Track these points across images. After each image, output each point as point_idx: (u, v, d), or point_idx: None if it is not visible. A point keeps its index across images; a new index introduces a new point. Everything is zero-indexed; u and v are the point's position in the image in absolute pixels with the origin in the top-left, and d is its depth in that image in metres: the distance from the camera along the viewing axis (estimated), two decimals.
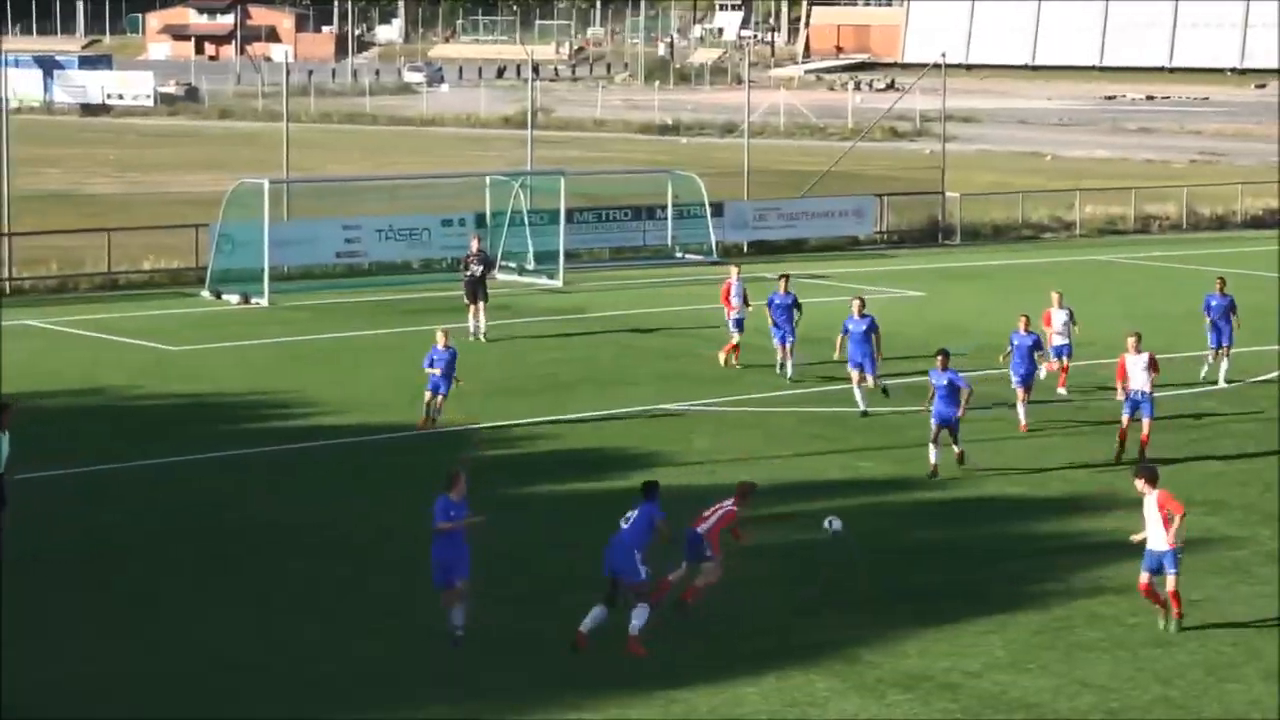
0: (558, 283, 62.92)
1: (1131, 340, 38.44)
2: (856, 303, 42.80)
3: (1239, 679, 24.48)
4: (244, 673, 25.65)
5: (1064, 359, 44.92)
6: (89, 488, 36.16)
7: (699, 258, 69.71)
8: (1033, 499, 36.28)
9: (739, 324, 47.99)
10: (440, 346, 40.19)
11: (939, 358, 37.64)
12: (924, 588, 29.96)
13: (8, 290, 59.66)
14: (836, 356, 43.38)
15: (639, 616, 25.49)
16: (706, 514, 29.32)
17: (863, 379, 42.04)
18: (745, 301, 48.20)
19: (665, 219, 71.17)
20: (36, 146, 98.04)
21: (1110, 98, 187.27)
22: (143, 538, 32.81)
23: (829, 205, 77.41)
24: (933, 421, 37.47)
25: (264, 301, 57.87)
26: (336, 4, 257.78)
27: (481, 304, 52.14)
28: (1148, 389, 38.04)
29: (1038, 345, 41.82)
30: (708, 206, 71.33)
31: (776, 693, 24.87)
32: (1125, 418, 38.47)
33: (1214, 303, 46.85)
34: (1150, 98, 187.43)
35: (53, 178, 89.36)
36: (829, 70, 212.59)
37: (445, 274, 63.77)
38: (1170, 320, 56.16)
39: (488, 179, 69.58)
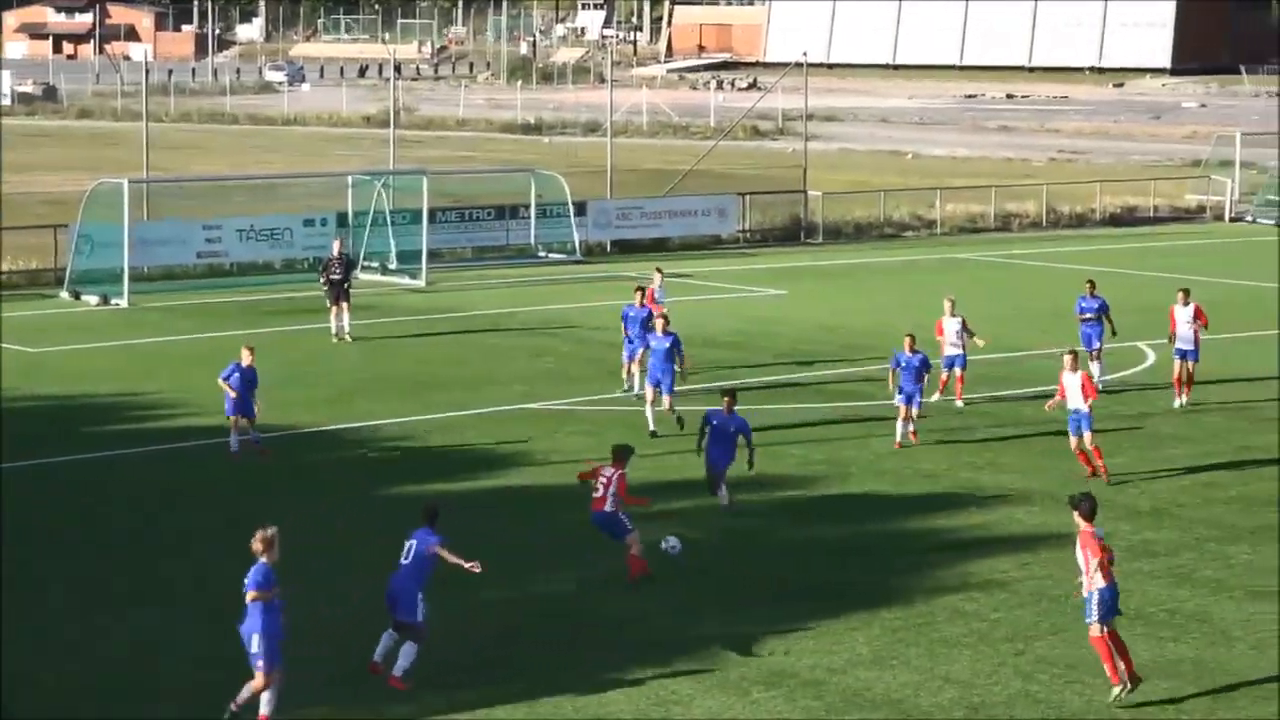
0: (420, 283, 62.79)
1: (1068, 358, 37.72)
2: (660, 320, 41.58)
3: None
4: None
5: (958, 369, 44.01)
6: None
7: (562, 257, 69.87)
8: (897, 496, 36.48)
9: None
10: (245, 364, 38.19)
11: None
12: (789, 586, 30.01)
13: None
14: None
15: (405, 657, 24.89)
16: (598, 492, 29.69)
17: (657, 399, 40.55)
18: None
19: (529, 218, 71.16)
20: None
21: (971, 96, 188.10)
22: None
23: (692, 204, 77.58)
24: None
25: (123, 302, 57.47)
26: (196, 3, 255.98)
27: (345, 304, 52.07)
28: (1085, 409, 36.99)
29: (926, 365, 40.47)
30: (571, 205, 71.38)
31: (641, 692, 24.95)
32: (1073, 439, 37.42)
33: (1084, 304, 46.83)
34: (1010, 96, 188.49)
35: None
36: (691, 69, 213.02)
37: (306, 274, 63.39)
38: (1034, 317, 56.73)
39: (350, 179, 69.37)
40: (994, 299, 60.48)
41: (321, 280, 53.26)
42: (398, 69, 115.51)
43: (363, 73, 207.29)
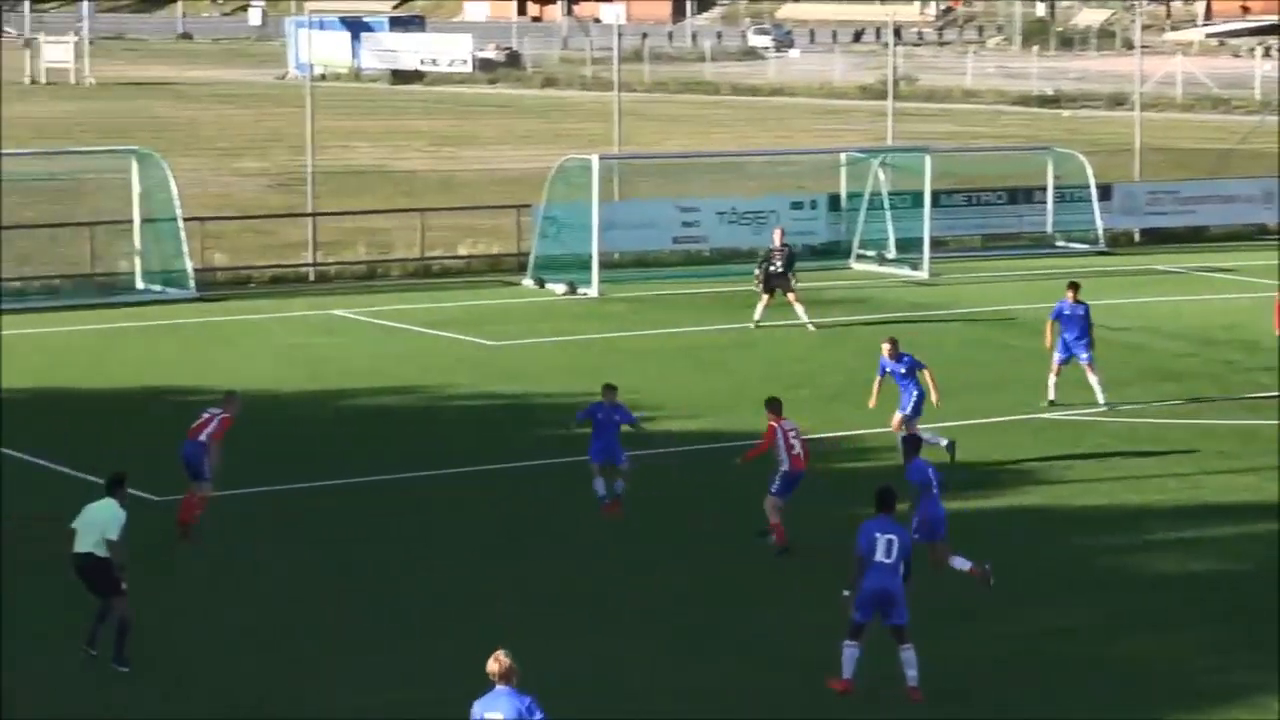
0: (922, 274, 62.71)
1: None
2: (887, 345, 39.53)
3: None
4: None
5: None
6: (393, 498, 37.04)
7: (1084, 247, 69.12)
8: None
9: None
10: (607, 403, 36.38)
11: None
12: None
13: (312, 276, 60.76)
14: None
15: (913, 664, 25.50)
16: (795, 450, 32.51)
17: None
18: None
19: (1045, 203, 70.51)
20: (343, 118, 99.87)
21: None
22: (468, 551, 33.32)
23: (1235, 188, 76.28)
24: None
25: (592, 291, 58.33)
26: None
27: (791, 295, 53.24)
28: None
29: None
30: (1094, 189, 70.54)
31: None
32: None
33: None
34: None
35: (361, 153, 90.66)
36: (1234, 34, 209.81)
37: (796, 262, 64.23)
38: None
39: (843, 157, 69.53)
40: None
41: (758, 273, 54.19)
42: (897, 33, 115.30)
43: (858, 37, 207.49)
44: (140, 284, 58.18)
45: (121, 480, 28.40)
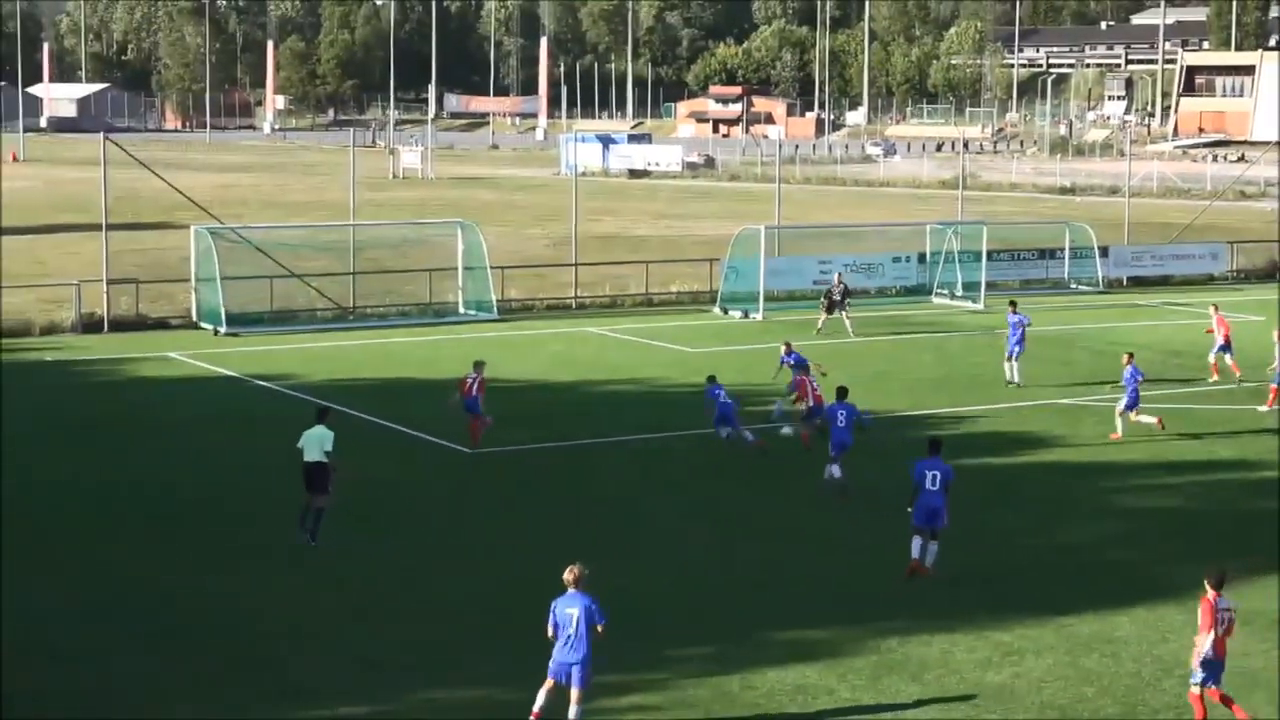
0: (980, 305, 62.06)
1: None
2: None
3: None
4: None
5: None
6: (623, 451, 37.00)
7: (1089, 289, 68.25)
8: None
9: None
10: (720, 388, 36.55)
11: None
12: (1256, 546, 29.06)
13: (574, 305, 60.97)
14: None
15: (933, 554, 26.08)
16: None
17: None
18: None
19: (1063, 259, 69.76)
20: (597, 201, 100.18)
21: None
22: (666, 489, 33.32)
23: (1190, 250, 75.35)
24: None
25: (759, 316, 58.11)
26: (817, 95, 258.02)
27: (843, 313, 54.99)
28: None
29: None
30: (1096, 249, 69.83)
31: (1144, 621, 24.51)
32: None
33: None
34: None
35: (608, 224, 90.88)
36: (1192, 146, 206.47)
37: (895, 298, 64.05)
38: None
39: (928, 227, 69.01)
40: None
41: (823, 301, 55.83)
42: (966, 145, 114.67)
43: (939, 148, 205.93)
44: (461, 309, 58.57)
45: (327, 410, 29.77)
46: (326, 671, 22.76)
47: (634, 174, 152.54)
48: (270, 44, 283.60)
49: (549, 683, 20.24)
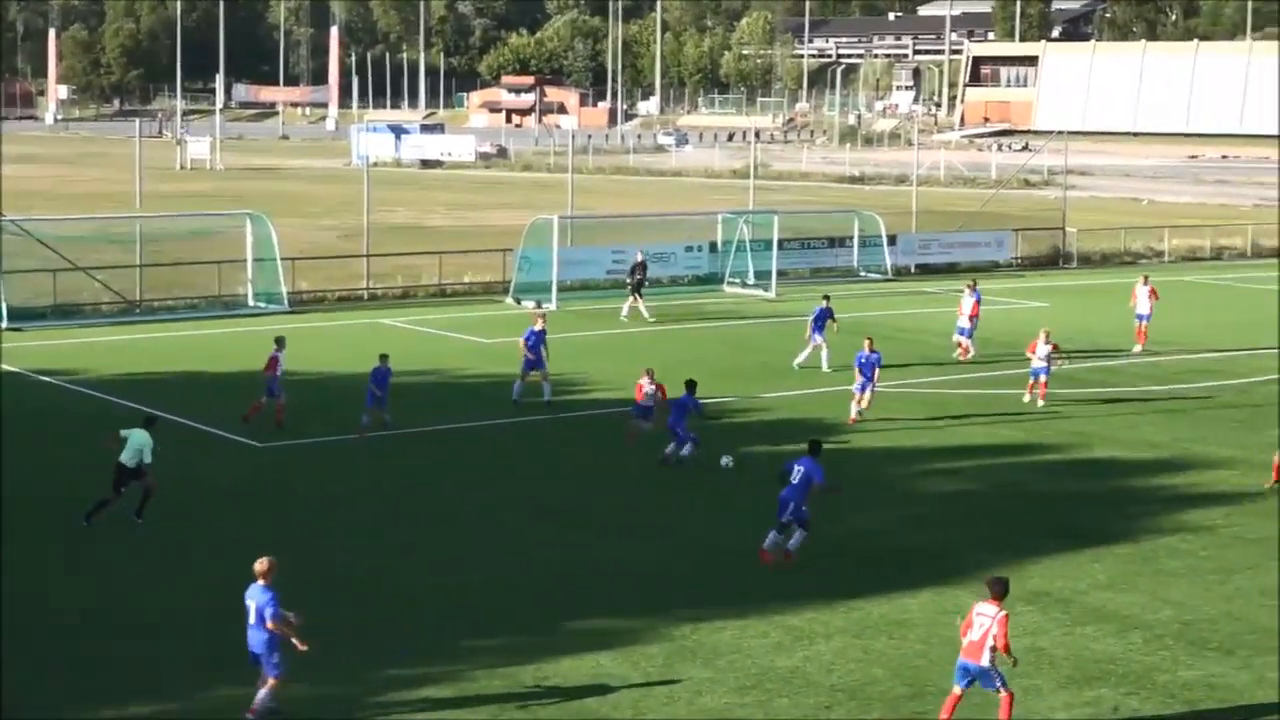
0: (771, 294, 62.65)
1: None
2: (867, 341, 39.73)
3: None
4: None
5: (1043, 377, 40.96)
6: (422, 440, 36.82)
7: (877, 276, 69.22)
8: (1127, 460, 35.92)
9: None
10: (536, 328, 40.32)
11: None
12: (1048, 526, 29.82)
13: (366, 297, 60.59)
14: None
15: (797, 540, 27.08)
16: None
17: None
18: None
19: (852, 247, 70.79)
20: (389, 191, 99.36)
21: (1193, 157, 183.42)
22: (463, 482, 33.26)
23: (976, 238, 76.82)
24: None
25: (553, 307, 57.80)
26: (610, 85, 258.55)
27: (638, 299, 56.09)
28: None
29: (877, 364, 38.85)
30: (884, 237, 70.79)
31: (934, 600, 24.95)
32: None
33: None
34: (1224, 157, 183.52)
35: (400, 214, 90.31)
36: (978, 136, 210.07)
37: (687, 287, 64.25)
38: (1238, 328, 55.51)
39: (719, 216, 69.58)
40: (1204, 314, 59.40)
41: (629, 280, 57.32)
42: (757, 134, 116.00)
43: (730, 138, 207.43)
44: (251, 302, 57.91)
45: (154, 420, 30.14)
46: (112, 671, 22.43)
47: (426, 164, 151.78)
48: (52, 32, 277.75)
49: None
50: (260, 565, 20.40)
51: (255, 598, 20.28)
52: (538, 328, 40.29)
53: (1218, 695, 22.03)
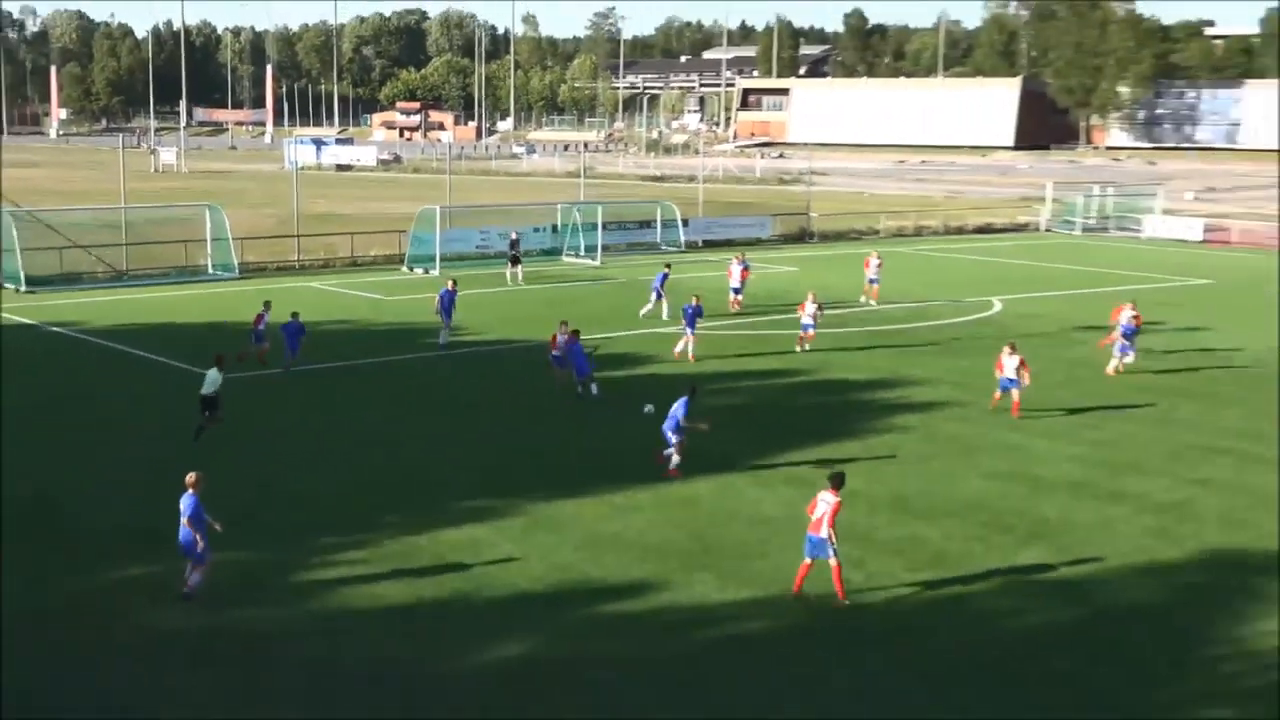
0: (597, 263, 62.61)
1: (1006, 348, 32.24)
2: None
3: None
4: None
5: (811, 331, 39.38)
6: (340, 376, 36.30)
7: (675, 249, 69.10)
8: (858, 380, 36.23)
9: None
10: (448, 288, 39.74)
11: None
12: (798, 429, 29.76)
13: (298, 267, 59.63)
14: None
15: (675, 458, 25.74)
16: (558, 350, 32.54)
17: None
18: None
19: (656, 228, 70.80)
20: (312, 188, 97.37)
21: (901, 161, 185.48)
22: (381, 401, 32.91)
23: (746, 220, 77.03)
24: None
25: (436, 272, 57.48)
26: (477, 109, 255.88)
27: (518, 268, 55.41)
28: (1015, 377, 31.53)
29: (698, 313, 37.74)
30: (680, 221, 70.92)
31: (716, 486, 24.91)
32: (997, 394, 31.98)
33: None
34: (923, 161, 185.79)
35: (321, 204, 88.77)
36: (747, 146, 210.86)
37: (535, 258, 63.85)
38: (937, 285, 56.32)
39: (559, 206, 69.21)
40: (912, 276, 60.22)
41: (510, 251, 56.77)
42: (585, 145, 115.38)
43: (566, 148, 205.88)
44: (210, 270, 56.81)
45: (222, 358, 29.41)
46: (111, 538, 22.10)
47: (340, 168, 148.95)
48: (54, 69, 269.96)
49: None
50: (189, 478, 19.76)
51: (183, 503, 19.65)
52: (450, 288, 40.06)
53: (918, 546, 22.58)
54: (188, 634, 18.81)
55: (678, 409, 26.02)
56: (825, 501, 19.90)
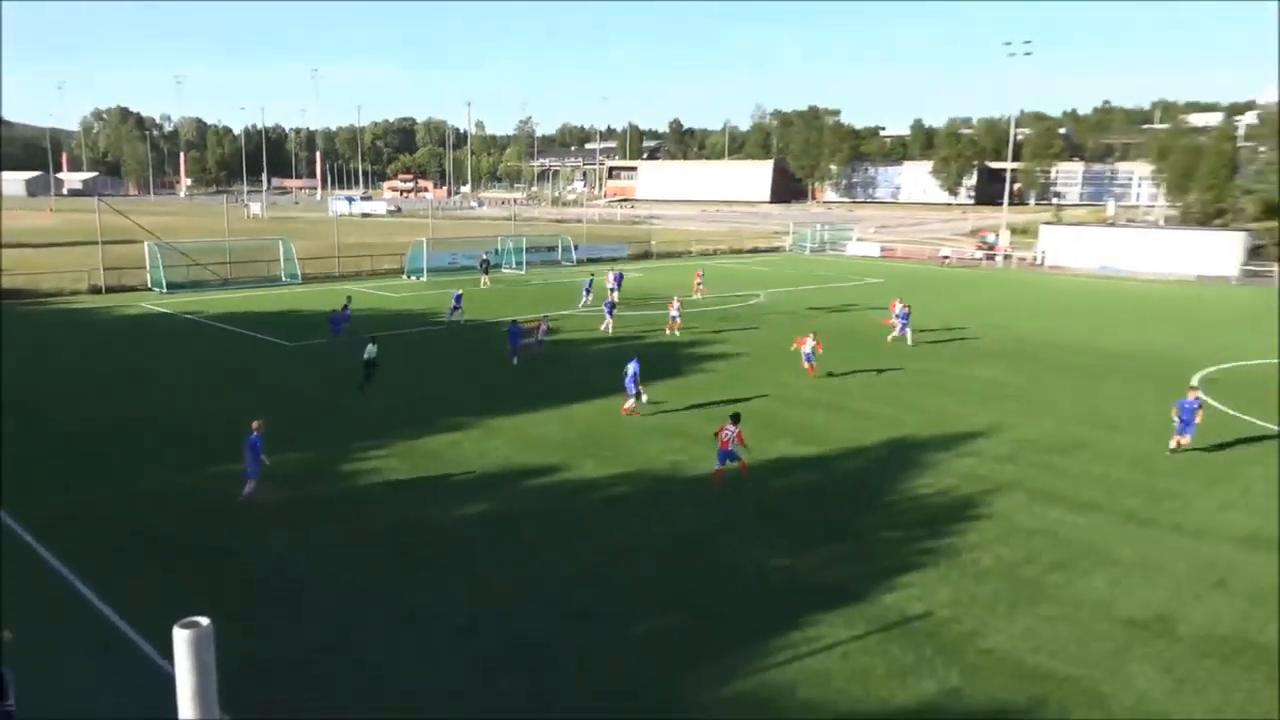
0: (524, 273, 61.49)
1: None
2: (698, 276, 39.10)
3: None
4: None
5: (678, 319, 35.57)
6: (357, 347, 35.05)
7: (569, 264, 67.90)
8: (681, 341, 35.78)
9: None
10: (459, 293, 37.58)
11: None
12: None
13: (338, 274, 57.42)
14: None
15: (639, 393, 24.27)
16: (539, 332, 29.57)
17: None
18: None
19: (557, 251, 69.64)
20: (346, 228, 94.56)
21: (703, 210, 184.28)
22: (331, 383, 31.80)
23: (612, 246, 75.51)
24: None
25: (424, 279, 56.04)
26: (448, 178, 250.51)
27: (487, 277, 52.81)
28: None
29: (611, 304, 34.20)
30: (573, 247, 70.01)
31: (592, 409, 24.56)
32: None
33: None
34: (717, 210, 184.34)
35: (353, 237, 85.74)
36: (614, 202, 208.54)
37: (490, 272, 62.41)
38: (730, 285, 56.16)
39: (498, 238, 67.48)
40: (713, 280, 60.04)
41: (481, 266, 54.08)
42: (514, 201, 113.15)
43: (504, 203, 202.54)
44: (284, 279, 54.63)
45: (375, 338, 27.42)
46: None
47: (365, 215, 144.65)
48: (182, 154, 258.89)
49: None
50: (256, 424, 18.51)
51: (250, 440, 18.39)
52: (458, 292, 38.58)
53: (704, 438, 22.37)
54: (271, 505, 18.37)
55: (633, 368, 24.84)
56: (730, 430, 19.51)
